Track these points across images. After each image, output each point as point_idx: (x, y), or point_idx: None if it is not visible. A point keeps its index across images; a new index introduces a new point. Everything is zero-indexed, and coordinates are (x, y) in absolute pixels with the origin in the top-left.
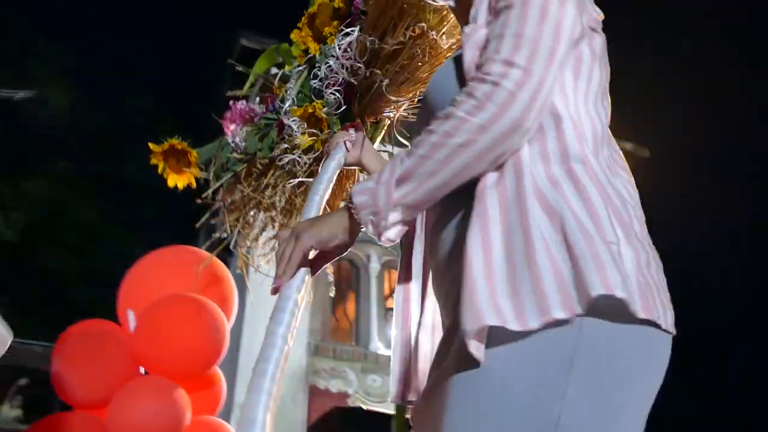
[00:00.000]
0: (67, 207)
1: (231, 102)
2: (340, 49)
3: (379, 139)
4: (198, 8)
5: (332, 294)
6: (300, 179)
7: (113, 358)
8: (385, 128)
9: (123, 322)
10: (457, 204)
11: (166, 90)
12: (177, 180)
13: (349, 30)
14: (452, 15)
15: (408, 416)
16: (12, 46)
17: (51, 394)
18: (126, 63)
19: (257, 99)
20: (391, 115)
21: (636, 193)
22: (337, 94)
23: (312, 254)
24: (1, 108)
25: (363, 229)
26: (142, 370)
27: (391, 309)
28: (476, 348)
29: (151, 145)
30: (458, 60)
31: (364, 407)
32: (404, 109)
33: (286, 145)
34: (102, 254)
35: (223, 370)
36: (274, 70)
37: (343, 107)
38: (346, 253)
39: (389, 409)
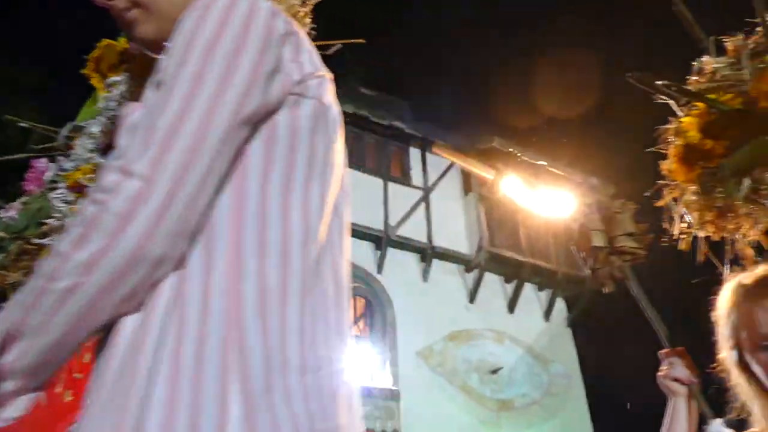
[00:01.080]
0: None
1: (32, 161)
2: (112, 100)
3: None
4: None
5: None
6: None
7: None
8: None
9: None
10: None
11: None
12: None
13: (117, 79)
14: None
15: None
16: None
17: None
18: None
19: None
20: None
21: (341, 281)
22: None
23: None
24: None
25: None
26: None
27: None
28: None
29: None
30: None
31: None
32: None
33: (53, 221)
34: None
35: None
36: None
37: None
38: None
39: None
